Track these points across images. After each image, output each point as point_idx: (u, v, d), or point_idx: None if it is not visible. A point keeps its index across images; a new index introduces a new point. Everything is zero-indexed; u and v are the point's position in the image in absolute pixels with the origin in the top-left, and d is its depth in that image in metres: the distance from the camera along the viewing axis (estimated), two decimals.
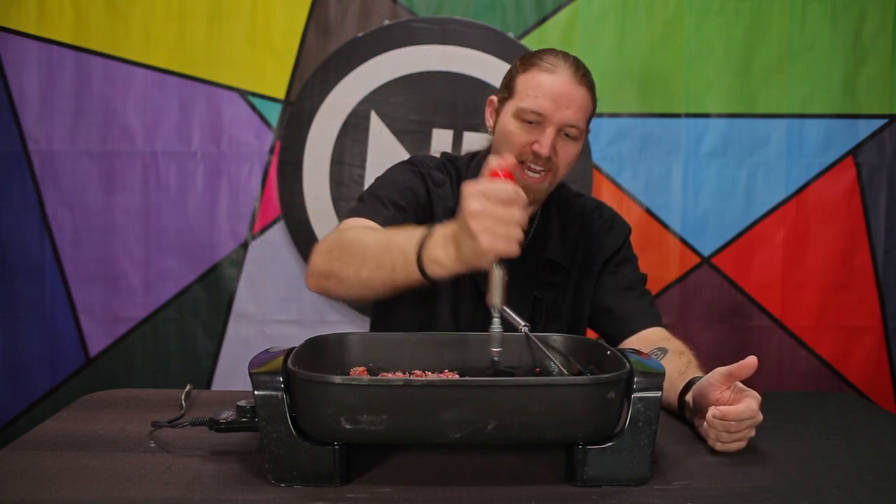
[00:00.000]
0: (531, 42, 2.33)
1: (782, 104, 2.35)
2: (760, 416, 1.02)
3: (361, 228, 1.27)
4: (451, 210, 1.40)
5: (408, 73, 2.33)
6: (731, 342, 2.38)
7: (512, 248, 0.94)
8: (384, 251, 1.11)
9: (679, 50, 2.35)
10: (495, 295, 0.99)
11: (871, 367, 2.39)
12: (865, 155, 2.36)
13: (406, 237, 1.08)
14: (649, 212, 2.36)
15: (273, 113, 2.35)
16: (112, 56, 2.33)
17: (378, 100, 2.33)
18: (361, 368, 1.07)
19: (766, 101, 2.35)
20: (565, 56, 1.35)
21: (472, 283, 1.41)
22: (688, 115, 2.35)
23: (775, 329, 2.37)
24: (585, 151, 2.32)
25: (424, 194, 1.40)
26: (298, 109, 2.34)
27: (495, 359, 1.00)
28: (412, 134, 2.33)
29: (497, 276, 0.98)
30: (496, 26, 2.33)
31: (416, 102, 2.33)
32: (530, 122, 1.32)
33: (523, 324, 1.13)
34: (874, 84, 2.35)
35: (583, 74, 1.33)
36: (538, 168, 1.33)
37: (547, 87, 1.31)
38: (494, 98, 1.42)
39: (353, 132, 2.34)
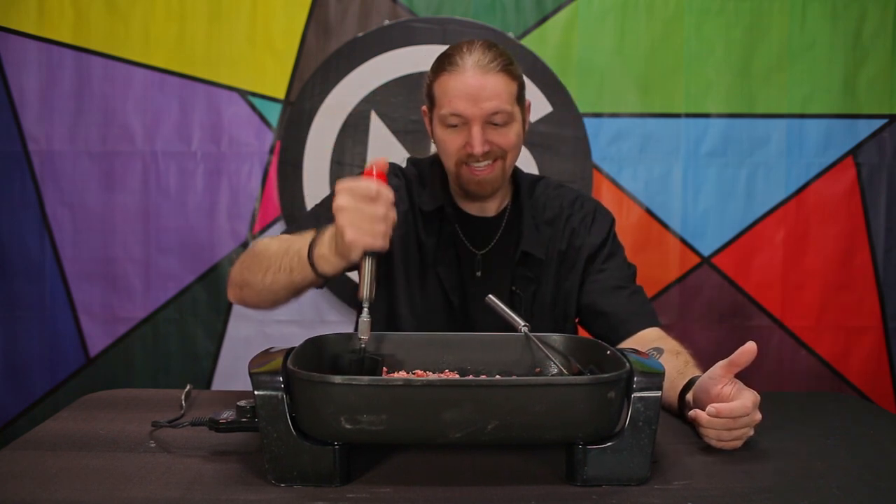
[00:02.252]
0: (531, 42, 2.33)
1: (782, 104, 2.35)
2: (759, 416, 1.02)
3: (272, 238, 1.32)
4: (404, 213, 1.43)
5: (408, 73, 2.33)
6: (731, 342, 2.34)
7: (377, 242, 1.02)
8: (284, 255, 1.19)
9: (679, 50, 2.34)
10: (364, 288, 1.03)
11: (871, 367, 2.39)
12: (865, 155, 2.36)
13: (303, 240, 1.16)
14: (649, 212, 2.36)
15: (273, 113, 2.35)
16: (112, 56, 2.33)
17: (378, 100, 2.33)
18: None
19: (766, 101, 2.35)
20: (469, 47, 1.35)
21: (437, 284, 1.42)
22: (688, 115, 2.35)
23: (775, 329, 2.37)
24: (585, 151, 2.32)
25: None
26: (298, 109, 2.34)
27: (362, 346, 1.04)
28: (412, 134, 2.33)
29: (367, 270, 1.03)
30: (496, 26, 2.33)
31: (416, 102, 2.33)
32: (456, 126, 1.34)
33: (523, 324, 1.13)
34: (874, 84, 2.35)
35: (490, 59, 1.32)
36: (482, 163, 1.35)
37: (458, 88, 1.32)
38: (425, 108, 1.44)
39: (353, 132, 2.34)
